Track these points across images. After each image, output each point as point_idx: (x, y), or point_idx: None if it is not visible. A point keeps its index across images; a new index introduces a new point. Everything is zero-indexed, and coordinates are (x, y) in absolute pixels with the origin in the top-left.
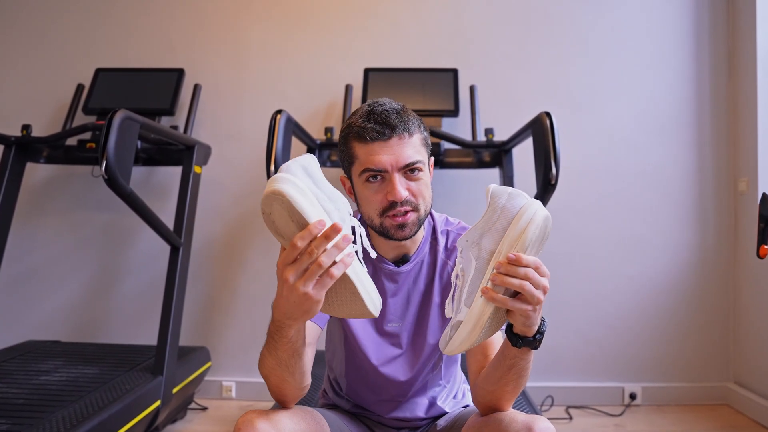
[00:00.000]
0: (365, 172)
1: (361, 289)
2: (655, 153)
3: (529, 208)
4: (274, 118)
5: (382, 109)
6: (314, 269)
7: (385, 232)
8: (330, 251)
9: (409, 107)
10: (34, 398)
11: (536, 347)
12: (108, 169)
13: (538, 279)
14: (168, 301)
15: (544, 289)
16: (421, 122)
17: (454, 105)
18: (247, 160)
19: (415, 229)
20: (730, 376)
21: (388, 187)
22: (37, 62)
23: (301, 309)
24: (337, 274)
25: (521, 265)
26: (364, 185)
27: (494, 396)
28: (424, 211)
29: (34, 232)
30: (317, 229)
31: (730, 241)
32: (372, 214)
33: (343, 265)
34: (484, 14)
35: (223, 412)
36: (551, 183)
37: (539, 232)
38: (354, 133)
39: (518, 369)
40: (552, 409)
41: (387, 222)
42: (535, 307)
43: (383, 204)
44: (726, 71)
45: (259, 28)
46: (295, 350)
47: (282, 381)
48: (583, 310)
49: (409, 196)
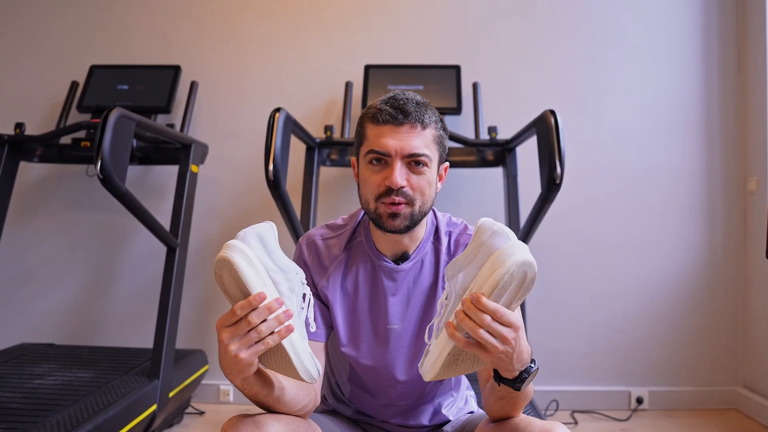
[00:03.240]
0: (370, 153)
1: (295, 359)
2: (662, 151)
3: (506, 251)
4: (272, 116)
5: (403, 97)
6: (250, 337)
7: (378, 220)
8: (269, 323)
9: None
10: (28, 402)
11: (518, 389)
12: (103, 168)
13: (495, 327)
14: (164, 303)
15: (503, 339)
16: (442, 122)
17: (457, 102)
18: (245, 159)
19: (406, 222)
20: (739, 379)
21: (388, 172)
22: (31, 59)
23: (235, 369)
24: (271, 344)
25: (479, 308)
26: (366, 166)
27: (501, 406)
28: (419, 207)
29: (27, 232)
30: (257, 301)
31: (739, 241)
32: (369, 197)
33: (279, 336)
34: (488, 9)
35: (220, 417)
36: (556, 182)
37: (509, 279)
38: (370, 115)
39: (510, 399)
40: (557, 414)
41: (381, 208)
42: (499, 355)
43: (380, 188)
44: (735, 67)
45: (257, 23)
46: (256, 393)
47: (269, 410)
48: (588, 311)
49: (406, 188)
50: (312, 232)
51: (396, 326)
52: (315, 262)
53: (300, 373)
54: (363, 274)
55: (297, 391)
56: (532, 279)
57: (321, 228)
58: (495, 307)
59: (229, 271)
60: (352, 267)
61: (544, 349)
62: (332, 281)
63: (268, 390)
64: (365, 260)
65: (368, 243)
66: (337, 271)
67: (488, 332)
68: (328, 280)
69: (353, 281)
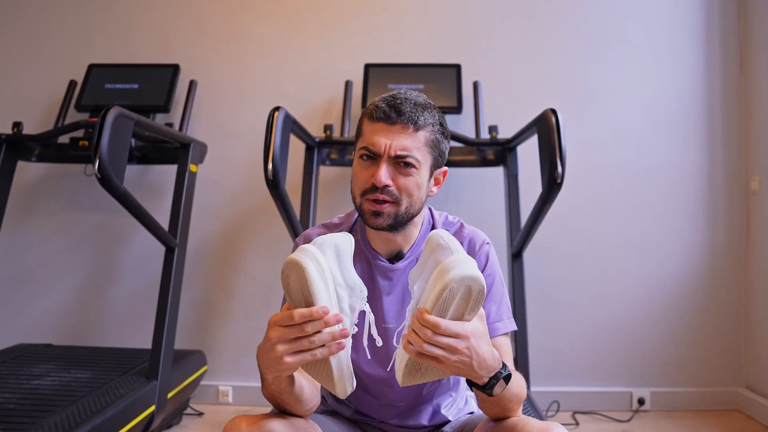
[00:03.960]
0: (361, 149)
1: (336, 375)
2: (663, 150)
3: (447, 266)
4: (271, 115)
5: (402, 96)
6: (301, 344)
7: (363, 216)
8: (323, 335)
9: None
10: (26, 403)
11: (490, 395)
12: (101, 167)
13: (438, 340)
14: (163, 304)
15: (451, 350)
16: (441, 126)
17: (457, 101)
18: (244, 159)
19: (389, 221)
20: (741, 380)
21: (375, 169)
22: (29, 58)
23: (274, 367)
24: (319, 357)
25: (422, 323)
26: (358, 161)
27: (489, 408)
28: (405, 208)
29: (25, 232)
30: (318, 314)
31: (741, 241)
32: (356, 192)
33: (327, 351)
34: (488, 8)
35: (219, 418)
36: (557, 182)
37: (449, 294)
38: (368, 111)
39: (494, 402)
40: (558, 415)
41: (365, 205)
42: (454, 364)
43: (366, 185)
44: (737, 65)
45: (256, 22)
46: (281, 389)
47: (282, 407)
48: (589, 311)
49: (391, 187)
50: (309, 231)
51: (391, 325)
52: None
53: (336, 388)
54: (359, 272)
55: (311, 391)
56: (479, 291)
57: (318, 227)
58: (435, 321)
59: (298, 276)
60: None
61: (544, 349)
62: None
63: (291, 388)
64: (361, 258)
65: (363, 241)
66: None
67: (434, 345)
68: None
69: None
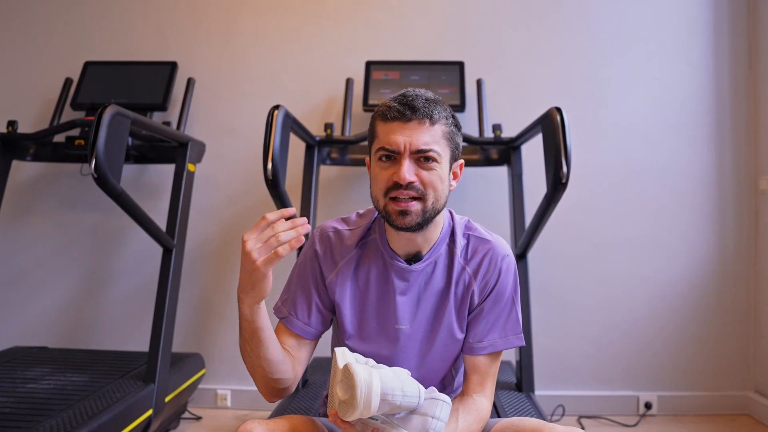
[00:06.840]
0: (379, 151)
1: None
2: (671, 150)
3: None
4: (271, 114)
5: (412, 94)
6: (270, 243)
7: (388, 218)
8: (288, 232)
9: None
10: (21, 407)
11: None
12: (97, 167)
13: None
14: (160, 306)
15: None
16: (453, 118)
17: (461, 100)
18: (243, 158)
19: (418, 219)
20: (750, 384)
21: (397, 168)
22: (23, 55)
23: (250, 280)
24: (283, 254)
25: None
26: (377, 163)
27: None
28: (432, 203)
29: (20, 233)
30: (287, 213)
31: (750, 242)
32: (378, 194)
33: (290, 247)
34: (492, 4)
35: (217, 422)
36: (562, 181)
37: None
38: (380, 112)
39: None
40: (563, 419)
41: (390, 206)
42: None
43: (388, 183)
44: (746, 63)
45: (255, 18)
46: (254, 333)
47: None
48: (595, 314)
49: (416, 183)
50: (326, 225)
51: (404, 326)
52: (326, 255)
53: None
54: (375, 271)
55: (282, 359)
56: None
57: (336, 221)
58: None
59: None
60: (364, 263)
61: (549, 352)
62: (341, 276)
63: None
64: (377, 258)
65: (382, 241)
66: (347, 267)
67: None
68: (337, 275)
69: (365, 278)
